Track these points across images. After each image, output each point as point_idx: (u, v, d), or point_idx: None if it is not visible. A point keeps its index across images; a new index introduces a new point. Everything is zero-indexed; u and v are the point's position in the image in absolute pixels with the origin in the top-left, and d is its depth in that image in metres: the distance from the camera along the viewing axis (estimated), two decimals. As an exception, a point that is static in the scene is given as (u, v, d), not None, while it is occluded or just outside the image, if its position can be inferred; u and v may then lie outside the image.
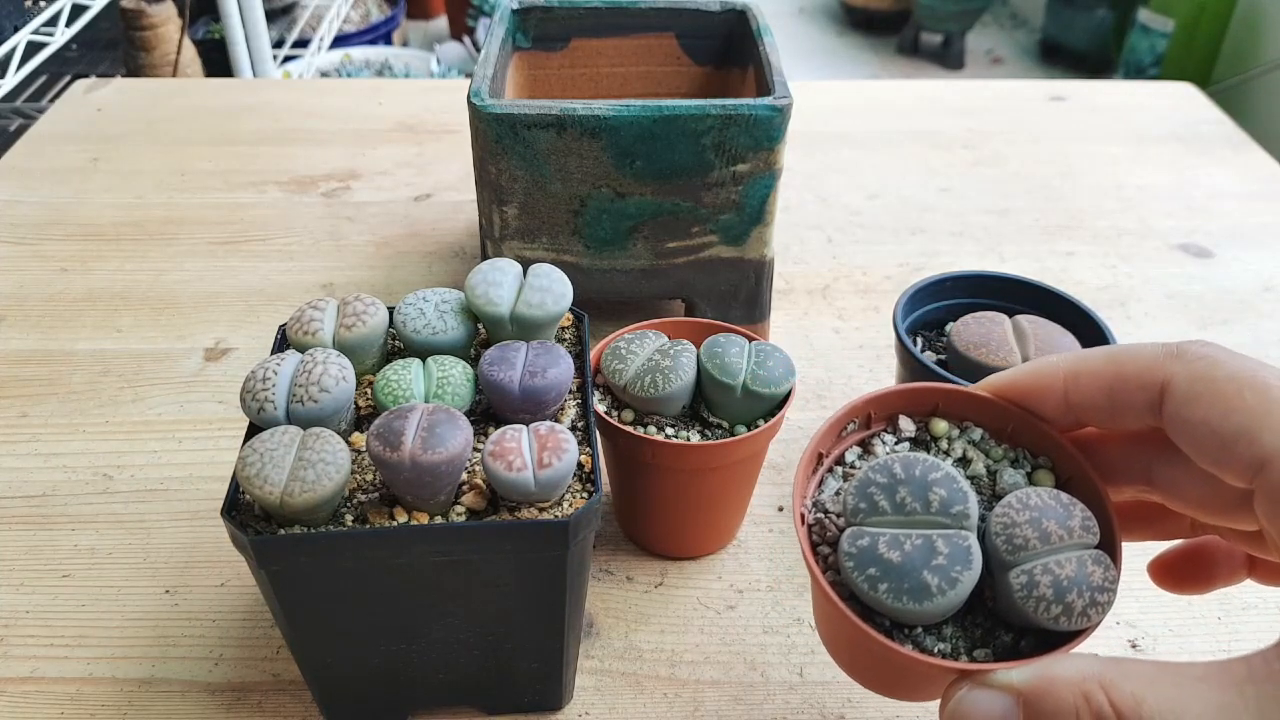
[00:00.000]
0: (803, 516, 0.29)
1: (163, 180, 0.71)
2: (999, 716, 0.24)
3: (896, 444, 0.31)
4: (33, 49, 0.94)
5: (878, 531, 0.27)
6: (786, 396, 0.39)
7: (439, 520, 0.30)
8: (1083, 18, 2.38)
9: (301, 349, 0.34)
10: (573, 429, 0.34)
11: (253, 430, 0.32)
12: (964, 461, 0.30)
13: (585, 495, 0.31)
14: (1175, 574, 0.32)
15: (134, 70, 1.32)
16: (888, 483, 0.27)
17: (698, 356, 0.39)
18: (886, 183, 0.72)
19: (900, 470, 0.27)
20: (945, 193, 0.71)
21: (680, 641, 0.40)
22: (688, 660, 0.40)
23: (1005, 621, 0.27)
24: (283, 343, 0.36)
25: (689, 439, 0.39)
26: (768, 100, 0.46)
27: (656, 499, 0.41)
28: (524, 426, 0.31)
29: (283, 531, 0.29)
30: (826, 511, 0.29)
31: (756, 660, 0.40)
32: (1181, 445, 0.26)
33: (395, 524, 0.30)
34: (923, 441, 0.31)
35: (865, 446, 0.31)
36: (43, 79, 1.50)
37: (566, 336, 0.38)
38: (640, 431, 0.39)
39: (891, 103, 0.84)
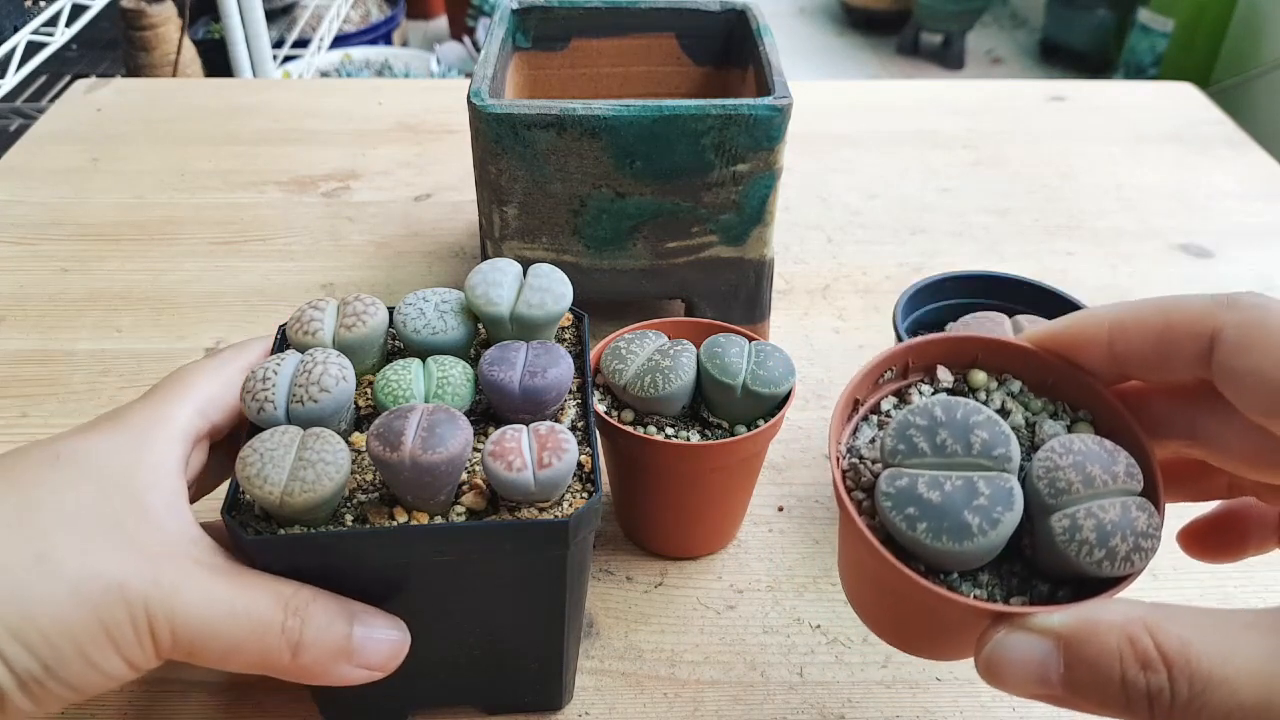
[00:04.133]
0: (837, 460, 0.29)
1: (163, 180, 0.71)
2: (1038, 661, 0.24)
3: (934, 394, 0.31)
4: (33, 49, 0.94)
5: (917, 472, 0.26)
6: (786, 396, 0.39)
7: (439, 520, 0.30)
8: (1083, 18, 2.38)
9: (301, 349, 0.34)
10: (572, 429, 0.34)
11: (252, 430, 0.32)
12: (1003, 413, 0.30)
13: (585, 495, 0.31)
14: (1206, 542, 0.32)
15: (134, 70, 1.32)
16: (928, 425, 0.27)
17: (698, 356, 0.39)
18: (886, 183, 0.72)
19: (941, 413, 0.27)
20: (945, 193, 0.71)
21: (680, 641, 0.40)
22: (688, 660, 0.40)
23: (1042, 571, 0.27)
24: (283, 342, 0.36)
25: (689, 439, 0.39)
26: (768, 100, 0.46)
27: (656, 499, 0.41)
28: (524, 426, 0.31)
29: (282, 531, 0.29)
30: (861, 458, 0.29)
31: (756, 660, 0.40)
32: (1230, 396, 0.25)
33: (395, 524, 0.30)
34: (960, 393, 0.31)
35: (901, 396, 0.31)
36: (43, 79, 1.50)
37: (566, 336, 0.38)
38: (640, 431, 0.39)
39: (891, 103, 0.84)
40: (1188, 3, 1.99)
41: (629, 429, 0.39)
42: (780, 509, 0.47)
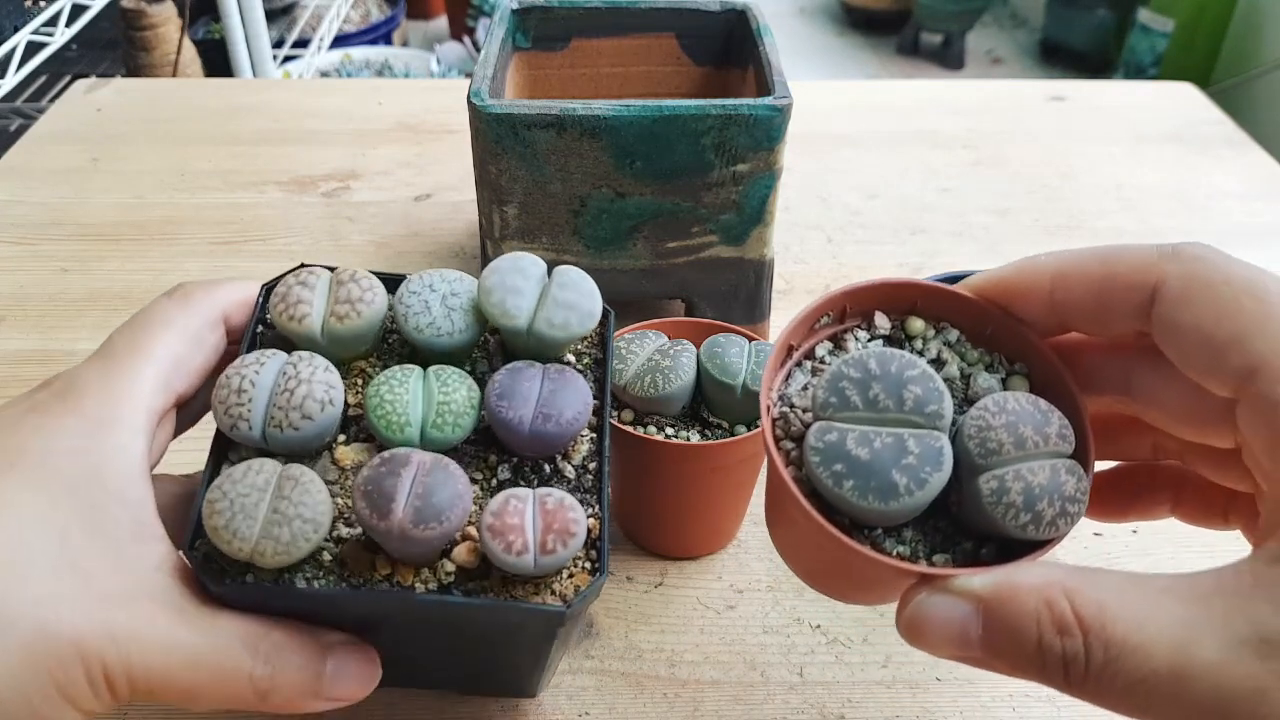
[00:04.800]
0: (768, 408, 0.28)
1: (163, 180, 0.71)
2: (958, 622, 0.24)
3: (870, 340, 0.30)
4: (33, 49, 0.94)
5: (847, 427, 0.26)
6: (786, 396, 0.39)
7: (426, 584, 0.28)
8: (1083, 18, 2.38)
9: (285, 335, 0.31)
10: (582, 470, 0.31)
11: (220, 440, 0.30)
12: (938, 363, 0.29)
13: (588, 569, 0.28)
14: (1094, 498, 0.31)
15: (134, 70, 1.32)
16: (861, 378, 0.26)
17: (698, 356, 0.39)
18: (887, 183, 0.72)
19: (875, 365, 0.26)
20: (945, 193, 0.71)
21: (680, 641, 0.40)
22: (688, 660, 0.40)
23: (966, 528, 0.27)
24: (264, 308, 0.32)
25: (689, 439, 0.39)
26: (768, 100, 0.46)
27: (657, 499, 0.41)
28: (529, 494, 0.28)
29: (251, 579, 0.27)
30: (792, 405, 0.28)
31: (756, 660, 0.40)
32: (1169, 351, 0.25)
33: (376, 585, 0.28)
34: (897, 340, 0.30)
35: (837, 342, 0.30)
36: (43, 79, 1.50)
37: (589, 335, 0.35)
38: (640, 431, 0.39)
39: (891, 103, 0.84)
40: (1188, 3, 1.99)
41: (629, 429, 0.38)
42: (780, 509, 0.46)
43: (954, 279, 0.47)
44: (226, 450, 0.30)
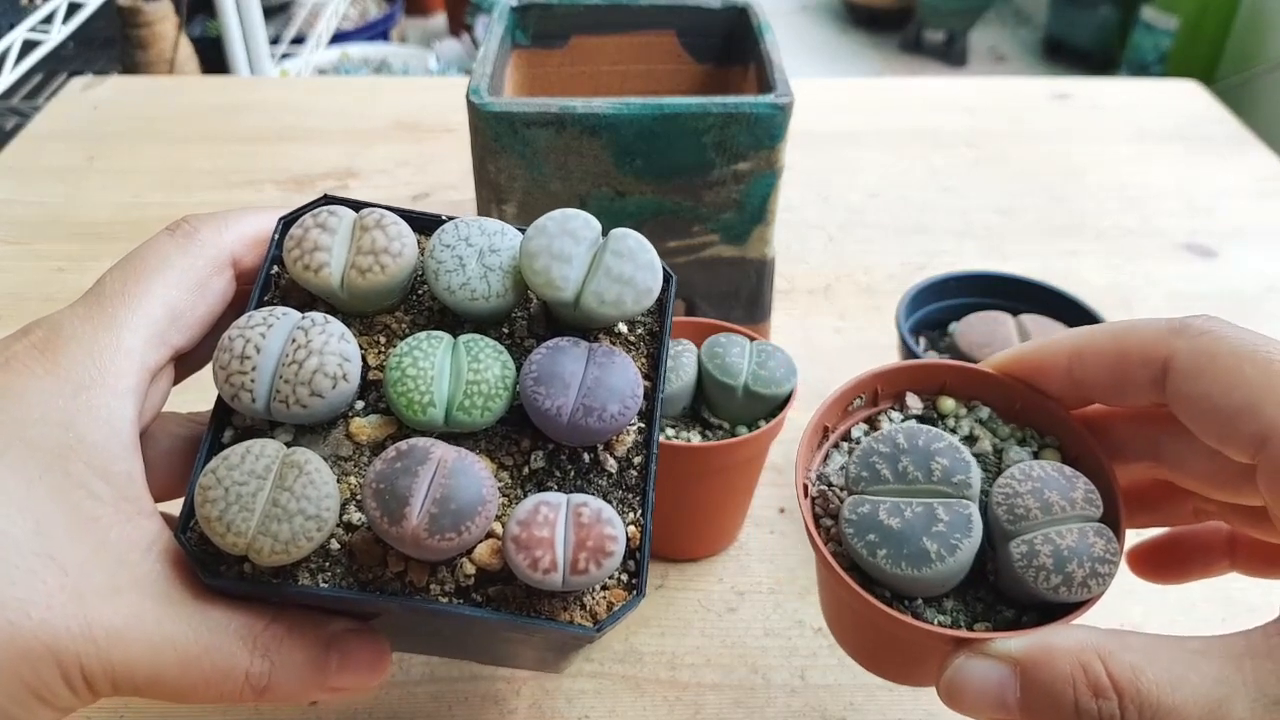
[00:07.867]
0: (805, 488, 0.29)
1: (160, 179, 0.70)
2: (995, 685, 0.24)
3: (903, 421, 0.31)
4: (29, 47, 0.94)
5: (879, 499, 0.27)
6: (788, 397, 0.39)
7: (442, 585, 0.25)
8: (1086, 15, 2.37)
9: (298, 283, 0.28)
10: (625, 464, 0.28)
11: (221, 406, 0.27)
12: (971, 439, 0.30)
13: (622, 584, 0.26)
14: (1152, 562, 0.32)
15: (130, 68, 1.32)
16: (890, 452, 0.27)
17: (698, 357, 0.39)
18: (889, 181, 0.72)
19: (903, 440, 0.27)
20: (948, 191, 0.71)
21: (681, 644, 0.40)
22: (688, 663, 0.39)
23: (1007, 597, 0.27)
24: (279, 244, 0.29)
25: (690, 439, 0.39)
26: (769, 98, 0.46)
27: (657, 500, 0.41)
28: (562, 503, 0.25)
29: (249, 568, 0.25)
30: (830, 485, 0.29)
31: (758, 663, 0.39)
32: (1185, 421, 0.26)
33: (387, 582, 0.25)
34: (930, 419, 0.31)
35: (871, 423, 0.31)
36: (39, 77, 1.49)
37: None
38: (640, 433, 0.38)
39: (894, 101, 0.83)
40: (1191, 0, 1.98)
41: (629, 431, 0.38)
42: (782, 510, 0.46)
43: (956, 279, 0.47)
44: (230, 415, 0.27)
